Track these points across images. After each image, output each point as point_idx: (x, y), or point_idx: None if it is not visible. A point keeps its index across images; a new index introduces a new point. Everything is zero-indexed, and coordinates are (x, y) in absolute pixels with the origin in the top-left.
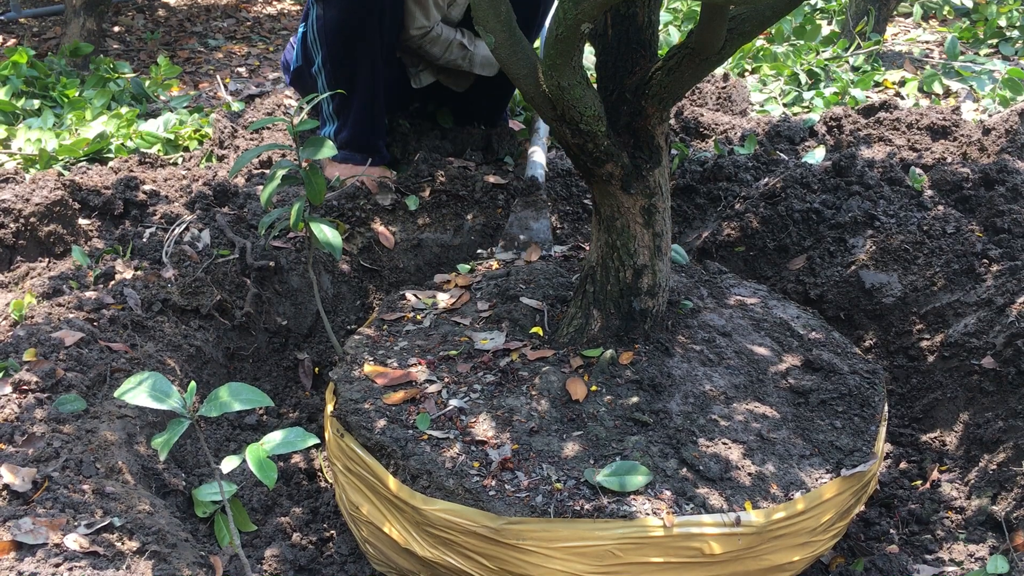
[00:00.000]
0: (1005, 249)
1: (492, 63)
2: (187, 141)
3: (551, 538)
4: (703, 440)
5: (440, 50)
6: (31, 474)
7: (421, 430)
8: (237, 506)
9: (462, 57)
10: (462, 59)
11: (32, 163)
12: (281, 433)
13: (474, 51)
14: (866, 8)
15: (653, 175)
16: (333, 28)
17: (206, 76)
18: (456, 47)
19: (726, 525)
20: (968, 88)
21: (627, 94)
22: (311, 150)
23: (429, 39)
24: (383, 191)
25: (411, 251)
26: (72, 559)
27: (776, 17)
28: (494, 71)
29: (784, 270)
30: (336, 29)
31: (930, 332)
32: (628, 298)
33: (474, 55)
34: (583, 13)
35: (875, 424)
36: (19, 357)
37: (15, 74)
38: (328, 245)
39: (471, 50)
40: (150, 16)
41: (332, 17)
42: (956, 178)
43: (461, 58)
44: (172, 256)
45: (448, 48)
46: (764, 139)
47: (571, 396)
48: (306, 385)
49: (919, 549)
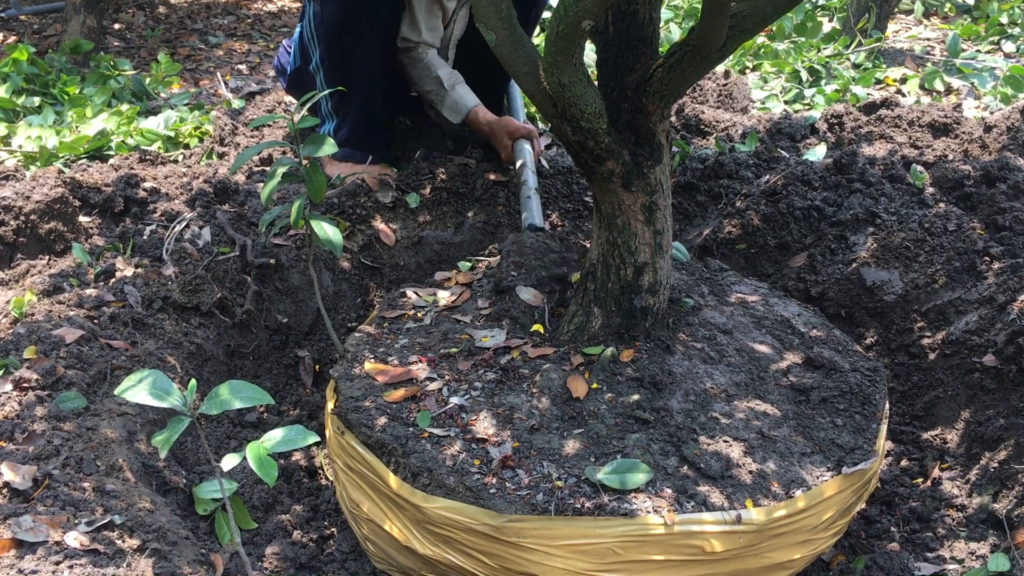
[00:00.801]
0: (1006, 247)
1: (459, 110)
2: (187, 138)
3: (552, 536)
4: (704, 438)
5: (417, 74)
6: (31, 472)
7: (422, 428)
8: (238, 504)
9: (435, 92)
10: (435, 94)
11: (32, 160)
12: (282, 431)
13: (447, 92)
14: (867, 5)
15: (654, 172)
16: (330, 25)
17: (206, 73)
18: (432, 81)
19: (727, 523)
20: (970, 85)
21: (628, 91)
22: (311, 148)
23: (410, 58)
24: (383, 188)
25: (412, 248)
26: (72, 557)
27: (777, 14)
28: (458, 119)
29: (785, 268)
30: (333, 26)
31: (931, 330)
32: (629, 296)
33: (446, 96)
34: (584, 10)
35: (876, 422)
36: (19, 355)
37: (15, 71)
38: (329, 242)
39: (445, 91)
40: (150, 13)
41: (329, 14)
42: (957, 175)
43: (434, 92)
44: (172, 254)
45: (423, 77)
46: (765, 136)
47: (572, 394)
48: (307, 383)
49: (920, 547)
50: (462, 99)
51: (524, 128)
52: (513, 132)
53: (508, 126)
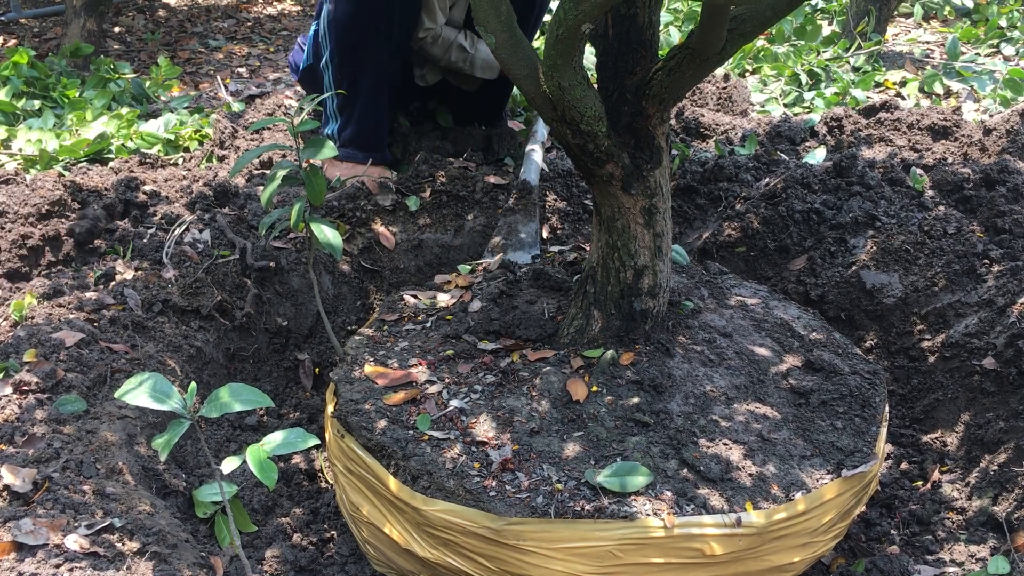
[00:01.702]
0: (1006, 249)
1: (492, 66)
2: (187, 142)
3: (552, 539)
4: (704, 441)
5: (441, 51)
6: (31, 475)
7: (421, 431)
8: (237, 507)
9: (463, 60)
10: (463, 61)
11: (33, 164)
12: (282, 434)
13: (474, 54)
14: (867, 8)
15: (654, 175)
16: (343, 23)
17: (206, 77)
18: (456, 49)
19: (727, 526)
20: (969, 88)
21: (628, 94)
22: (311, 151)
23: (430, 39)
24: (383, 192)
25: (411, 252)
26: (72, 560)
27: (777, 17)
28: (494, 74)
29: (785, 270)
30: (346, 25)
31: (931, 332)
32: (629, 299)
33: (474, 58)
34: (584, 14)
35: (876, 425)
36: (19, 358)
37: (16, 75)
38: (328, 246)
39: (471, 53)
40: (150, 16)
41: (343, 11)
42: (957, 178)
43: (462, 60)
44: (172, 257)
45: (448, 50)
46: (765, 139)
47: (572, 397)
48: (306, 386)
49: (920, 550)
50: (491, 56)
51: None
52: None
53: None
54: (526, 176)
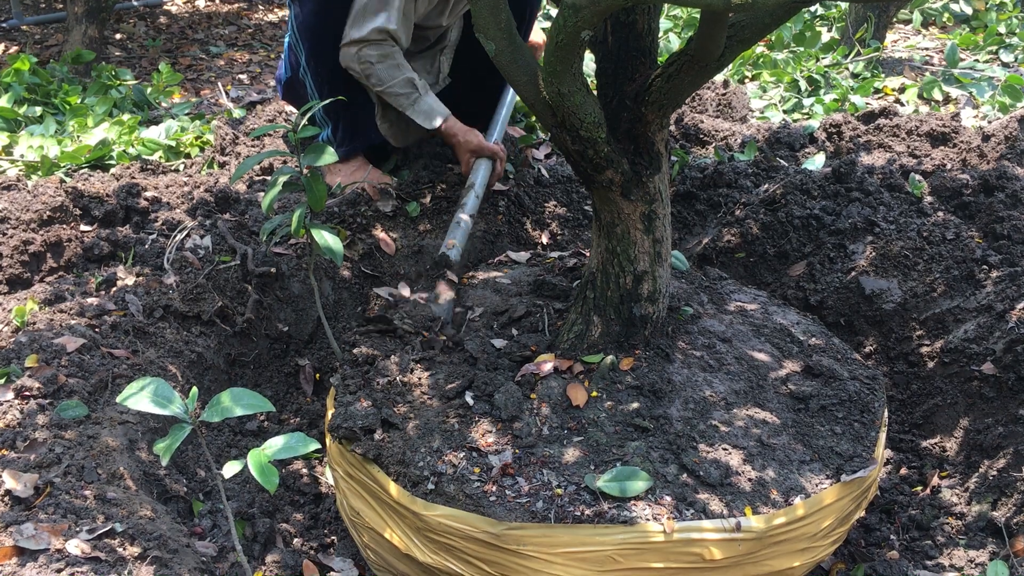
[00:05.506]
0: (1005, 255)
1: (433, 115)
2: (189, 148)
3: (552, 543)
4: (703, 446)
5: (386, 74)
6: (33, 480)
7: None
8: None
9: (406, 95)
10: (405, 97)
11: (34, 170)
12: (283, 438)
13: (421, 96)
14: (866, 15)
15: (653, 181)
16: (312, 23)
17: (207, 83)
18: (403, 83)
19: (726, 531)
20: (968, 94)
21: (627, 101)
22: (312, 157)
23: (380, 54)
24: (384, 197)
25: (412, 257)
26: (74, 564)
27: (775, 24)
28: (431, 124)
29: (784, 276)
30: (313, 26)
31: (930, 338)
32: (628, 304)
33: (419, 99)
34: (583, 20)
35: (875, 430)
36: (21, 363)
37: (17, 81)
38: (329, 251)
39: (419, 93)
40: (151, 23)
41: (309, 11)
42: (956, 184)
43: (404, 96)
44: (174, 262)
45: (394, 77)
46: (764, 145)
47: (571, 402)
48: (307, 391)
49: (919, 555)
50: (437, 105)
51: (488, 148)
52: (475, 150)
53: (471, 143)
54: (443, 249)
